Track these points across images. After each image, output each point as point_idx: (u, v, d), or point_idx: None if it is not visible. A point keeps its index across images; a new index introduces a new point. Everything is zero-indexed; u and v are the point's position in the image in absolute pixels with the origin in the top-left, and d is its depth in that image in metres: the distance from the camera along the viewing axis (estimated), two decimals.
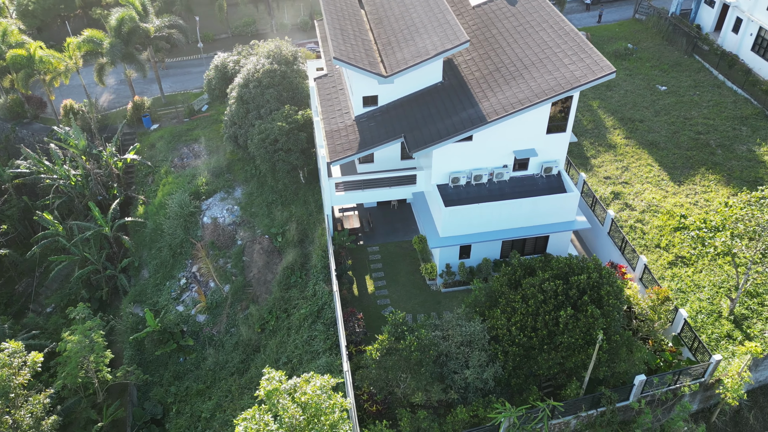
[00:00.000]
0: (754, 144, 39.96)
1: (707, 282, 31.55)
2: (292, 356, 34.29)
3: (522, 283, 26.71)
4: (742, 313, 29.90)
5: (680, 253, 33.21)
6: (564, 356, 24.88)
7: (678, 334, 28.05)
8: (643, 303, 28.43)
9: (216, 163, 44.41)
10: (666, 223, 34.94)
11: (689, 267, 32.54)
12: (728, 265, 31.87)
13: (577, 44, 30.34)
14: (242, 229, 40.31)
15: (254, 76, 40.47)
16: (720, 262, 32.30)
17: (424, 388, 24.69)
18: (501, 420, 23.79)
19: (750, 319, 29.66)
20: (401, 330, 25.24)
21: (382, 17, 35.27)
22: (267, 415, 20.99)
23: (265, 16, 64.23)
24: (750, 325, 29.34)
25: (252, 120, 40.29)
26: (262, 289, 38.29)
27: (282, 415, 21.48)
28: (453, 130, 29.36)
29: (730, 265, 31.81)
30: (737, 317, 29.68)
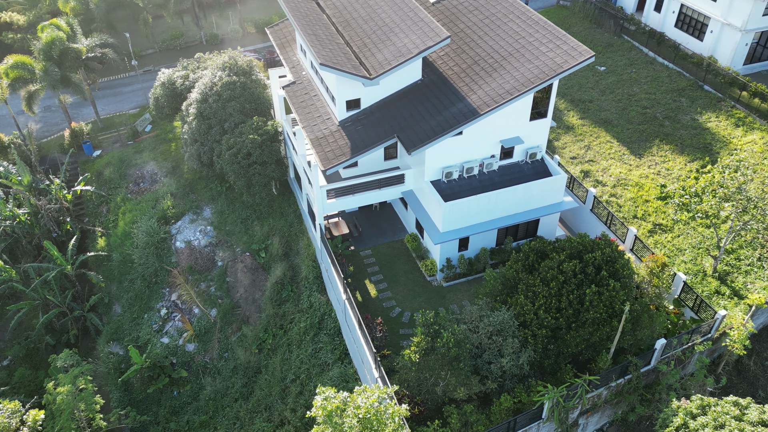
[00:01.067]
0: (695, 113, 43.06)
1: (687, 245, 33.79)
2: (299, 372, 33.51)
3: (539, 267, 27.46)
4: (724, 269, 32.26)
5: (657, 221, 35.35)
6: (590, 332, 25.86)
7: (678, 296, 29.84)
8: (642, 272, 29.99)
9: (177, 185, 42.40)
10: (638, 195, 37.05)
11: (668, 233, 34.71)
12: (702, 227, 34.26)
13: (550, 32, 31.45)
14: (221, 249, 38.78)
15: (213, 89, 38.97)
16: (693, 225, 34.68)
17: (464, 382, 24.88)
18: (545, 401, 24.42)
19: (731, 275, 32.04)
20: (434, 329, 25.27)
21: (348, 20, 34.98)
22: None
23: (193, 28, 61.86)
24: (733, 280, 31.72)
25: (216, 136, 38.80)
26: (252, 309, 37.05)
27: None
28: (447, 126, 29.65)
29: (704, 228, 34.21)
30: (720, 274, 31.99)
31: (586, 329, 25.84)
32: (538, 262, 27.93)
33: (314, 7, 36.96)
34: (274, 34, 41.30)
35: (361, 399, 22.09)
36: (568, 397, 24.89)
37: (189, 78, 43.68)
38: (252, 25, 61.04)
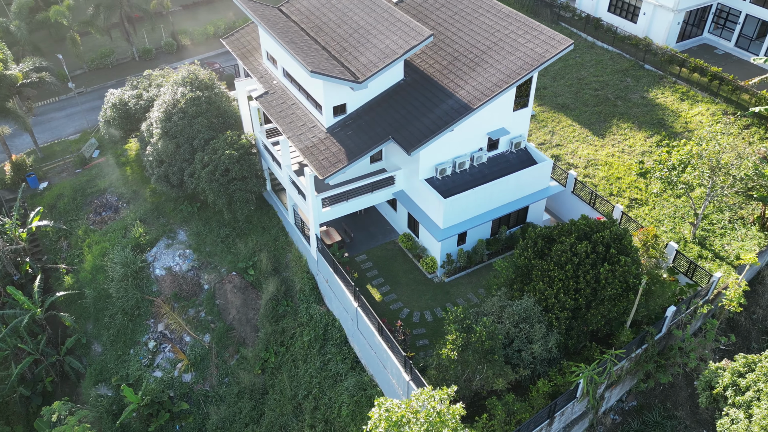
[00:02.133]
0: (643, 91, 45.59)
1: (663, 216, 35.79)
2: (310, 387, 32.79)
3: (549, 252, 28.23)
4: (701, 234, 34.43)
5: (632, 196, 37.21)
6: (608, 308, 26.90)
7: (671, 265, 31.57)
8: (637, 244, 31.46)
9: (144, 210, 40.25)
10: (609, 173, 38.83)
11: (644, 206, 36.62)
12: (674, 197, 36.39)
13: (524, 24, 32.30)
14: (205, 272, 37.20)
15: (176, 107, 37.24)
16: (665, 196, 36.78)
17: (500, 373, 25.25)
18: (581, 380, 25.21)
19: (708, 239, 34.26)
20: (466, 323, 25.47)
21: (319, 25, 34.43)
22: None
23: (123, 44, 58.75)
24: (711, 243, 33.93)
25: (185, 154, 37.14)
26: (247, 329, 35.84)
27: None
28: (443, 123, 29.87)
29: (675, 198, 36.34)
30: (699, 239, 34.13)
31: (605, 306, 26.87)
32: (548, 247, 28.70)
33: (279, 14, 36.12)
34: (232, 44, 40.02)
35: (416, 403, 21.97)
36: (599, 374, 25.79)
37: (143, 97, 41.50)
38: (187, 37, 58.76)
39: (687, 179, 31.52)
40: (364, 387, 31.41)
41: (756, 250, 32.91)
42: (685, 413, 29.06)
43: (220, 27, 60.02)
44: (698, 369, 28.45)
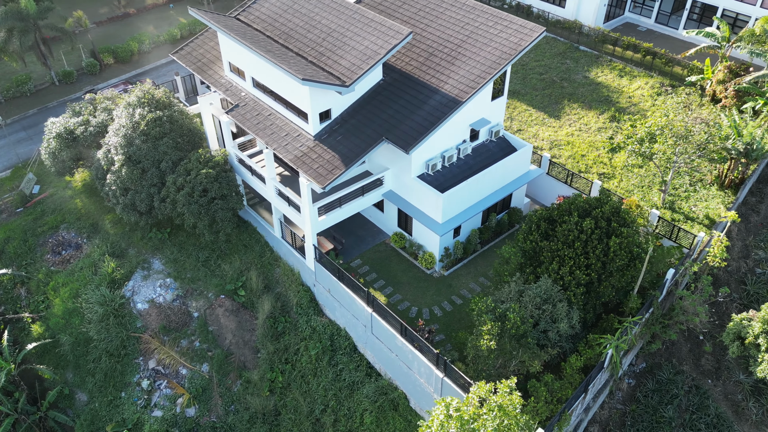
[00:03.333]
0: (584, 72, 47.94)
1: (632, 186, 37.91)
2: (326, 401, 32.10)
3: (554, 233, 29.17)
4: (669, 200, 36.80)
5: (599, 171, 39.12)
6: (618, 279, 28.22)
7: (655, 231, 33.51)
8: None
9: (109, 242, 37.63)
10: (573, 152, 40.59)
11: (612, 179, 38.61)
12: (637, 167, 38.61)
13: (492, 15, 33.07)
14: (191, 299, 35.34)
15: (137, 129, 35.07)
16: (629, 168, 38.96)
17: (534, 355, 25.89)
18: (608, 350, 26.31)
19: (676, 202, 36.68)
20: (498, 312, 25.86)
21: (287, 32, 33.54)
22: None
23: (40, 68, 54.39)
24: (680, 206, 36.35)
25: (153, 179, 35.08)
26: (246, 352, 34.47)
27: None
28: (435, 118, 30.05)
29: (638, 168, 38.57)
30: (668, 205, 36.46)
31: (615, 277, 28.17)
32: (551, 228, 29.64)
33: (240, 24, 34.85)
34: (185, 58, 38.18)
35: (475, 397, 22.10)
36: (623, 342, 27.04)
37: (91, 123, 38.69)
38: (110, 55, 55.27)
39: (658, 149, 33.54)
40: (385, 391, 31.14)
41: (721, 207, 35.63)
42: (689, 367, 31.06)
43: (144, 42, 56.96)
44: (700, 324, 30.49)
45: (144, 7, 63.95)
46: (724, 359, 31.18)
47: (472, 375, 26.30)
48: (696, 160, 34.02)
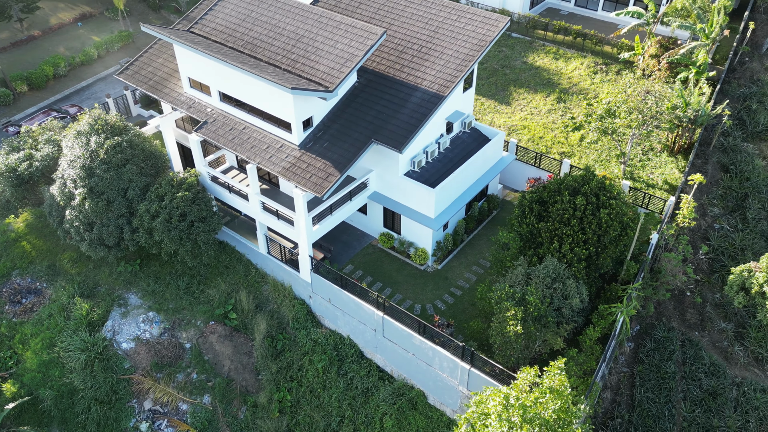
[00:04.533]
0: (522, 57, 49.78)
1: (592, 161, 39.92)
2: (341, 411, 31.58)
3: (547, 214, 30.21)
4: (627, 171, 39.08)
5: (560, 150, 40.87)
6: (612, 249, 29.70)
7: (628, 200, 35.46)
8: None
9: (75, 283, 34.89)
10: (531, 135, 42.12)
11: (572, 157, 40.45)
12: (593, 144, 40.67)
13: (454, 9, 33.65)
14: (180, 330, 33.46)
15: (96, 159, 32.70)
16: (584, 144, 40.98)
17: (555, 333, 26.79)
18: (620, 317, 27.67)
19: (635, 172, 39.03)
20: (518, 297, 26.48)
21: (251, 42, 32.40)
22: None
23: None
24: (639, 175, 38.72)
25: (120, 209, 32.88)
26: (247, 376, 33.17)
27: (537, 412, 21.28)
28: (421, 115, 30.21)
29: (593, 143, 40.63)
30: (628, 175, 38.73)
31: (611, 249, 29.62)
32: (545, 209, 30.66)
33: (197, 38, 33.29)
34: (133, 78, 36.05)
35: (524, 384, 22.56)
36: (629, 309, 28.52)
37: (35, 158, 35.60)
38: (23, 82, 50.99)
39: (620, 124, 35.51)
40: (401, 392, 31.06)
41: (675, 172, 38.32)
42: (677, 323, 33.22)
43: (59, 65, 52.99)
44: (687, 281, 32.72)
45: (49, 28, 59.42)
46: (705, 311, 33.62)
47: (501, 362, 26.81)
48: (654, 130, 36.30)
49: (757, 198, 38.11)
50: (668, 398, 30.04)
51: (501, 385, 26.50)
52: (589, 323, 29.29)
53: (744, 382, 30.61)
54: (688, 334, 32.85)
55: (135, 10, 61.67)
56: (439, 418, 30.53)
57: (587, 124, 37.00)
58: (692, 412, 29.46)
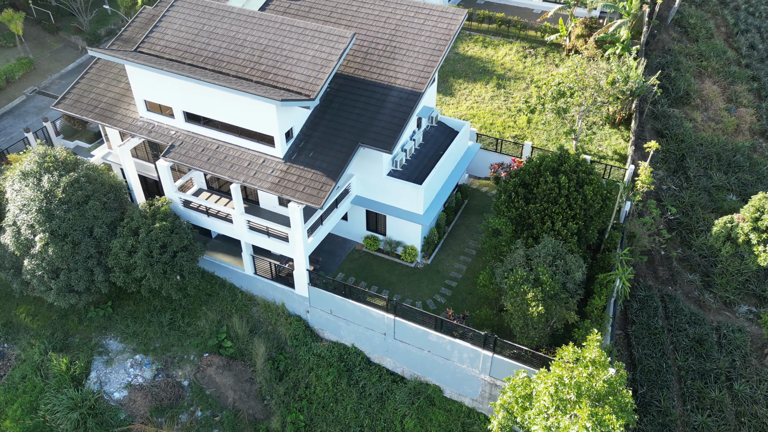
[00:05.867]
0: (452, 49, 50.93)
1: (545, 140, 41.75)
2: (359, 421, 31.15)
3: (533, 195, 31.29)
4: (579, 146, 41.27)
5: (512, 134, 42.38)
6: (598, 221, 31.34)
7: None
8: None
9: (42, 339, 31.77)
10: (483, 123, 43.33)
11: (524, 139, 42.07)
12: (541, 124, 42.50)
13: (410, 6, 33.89)
14: (174, 368, 31.39)
15: (53, 200, 29.91)
16: (532, 125, 42.78)
17: (567, 307, 27.93)
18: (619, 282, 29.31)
19: (585, 146, 41.28)
20: (531, 278, 27.27)
21: (212, 57, 30.85)
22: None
23: None
24: (590, 148, 41.00)
25: (89, 251, 30.33)
26: (253, 403, 31.79)
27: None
28: (403, 113, 30.25)
29: (543, 125, 42.46)
30: (580, 149, 40.92)
31: (596, 221, 31.23)
32: (529, 192, 31.73)
33: (150, 57, 31.23)
34: (73, 107, 33.41)
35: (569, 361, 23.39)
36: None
37: None
38: None
39: (574, 102, 37.38)
40: (418, 391, 31.08)
41: (621, 142, 40.96)
42: (652, 281, 35.65)
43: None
44: (660, 242, 35.14)
45: None
46: (673, 267, 36.32)
47: (526, 344, 27.55)
48: (603, 106, 38.54)
49: (693, 157, 41.60)
50: (662, 351, 32.22)
51: (527, 366, 27.26)
52: (589, 294, 30.70)
53: (721, 326, 33.43)
54: (663, 290, 35.35)
55: (29, 34, 56.55)
56: (458, 409, 30.87)
57: (541, 107, 38.61)
58: (686, 360, 31.80)
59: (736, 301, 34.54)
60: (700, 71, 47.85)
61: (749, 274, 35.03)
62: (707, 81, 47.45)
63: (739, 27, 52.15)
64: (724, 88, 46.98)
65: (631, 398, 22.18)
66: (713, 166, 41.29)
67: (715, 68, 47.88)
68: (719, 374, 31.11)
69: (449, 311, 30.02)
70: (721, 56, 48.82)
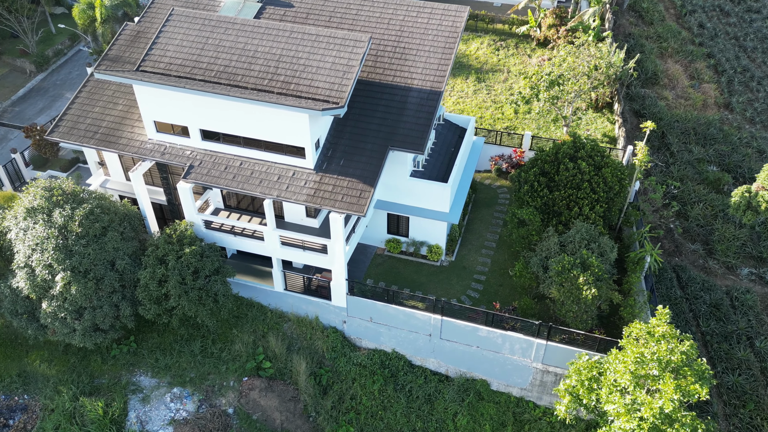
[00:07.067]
0: None
1: (536, 128, 42.84)
2: (412, 424, 31.02)
3: (556, 182, 32.12)
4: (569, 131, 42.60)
5: (504, 125, 43.22)
6: (617, 202, 32.55)
7: None
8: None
9: (68, 384, 29.70)
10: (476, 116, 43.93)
11: (517, 129, 43.01)
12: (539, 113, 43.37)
13: (409, 7, 33.96)
14: (216, 397, 30.06)
15: (69, 235, 28.00)
16: (522, 115, 43.81)
17: (612, 287, 28.93)
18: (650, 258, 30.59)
19: (577, 130, 42.65)
20: (578, 263, 27.98)
21: (224, 70, 29.67)
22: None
23: None
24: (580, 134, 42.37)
25: (112, 285, 28.62)
26: (300, 422, 30.97)
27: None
28: (428, 113, 30.22)
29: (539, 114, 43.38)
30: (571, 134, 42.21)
31: (617, 201, 32.45)
32: (551, 180, 32.52)
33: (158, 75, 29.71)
34: (71, 135, 31.48)
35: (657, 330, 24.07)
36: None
37: None
38: None
39: (569, 89, 38.52)
40: (467, 388, 31.28)
41: (607, 125, 42.64)
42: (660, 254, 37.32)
43: None
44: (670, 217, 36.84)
45: None
46: (675, 239, 38.21)
47: (581, 327, 28.26)
48: (591, 91, 39.96)
49: (673, 134, 43.85)
50: (685, 320, 33.85)
51: (582, 350, 27.96)
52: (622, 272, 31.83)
53: (730, 290, 35.50)
54: (671, 262, 37.12)
55: None
56: (507, 400, 31.28)
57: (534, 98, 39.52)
58: (708, 325, 33.55)
59: (738, 265, 36.74)
60: (661, 52, 50.43)
61: (744, 239, 37.36)
62: (669, 61, 50.10)
63: (686, 8, 55.37)
64: (686, 66, 49.77)
65: (708, 365, 23.24)
66: (691, 140, 43.70)
67: (675, 48, 50.61)
68: (740, 335, 33.04)
69: (496, 305, 30.34)
70: (677, 37, 51.67)
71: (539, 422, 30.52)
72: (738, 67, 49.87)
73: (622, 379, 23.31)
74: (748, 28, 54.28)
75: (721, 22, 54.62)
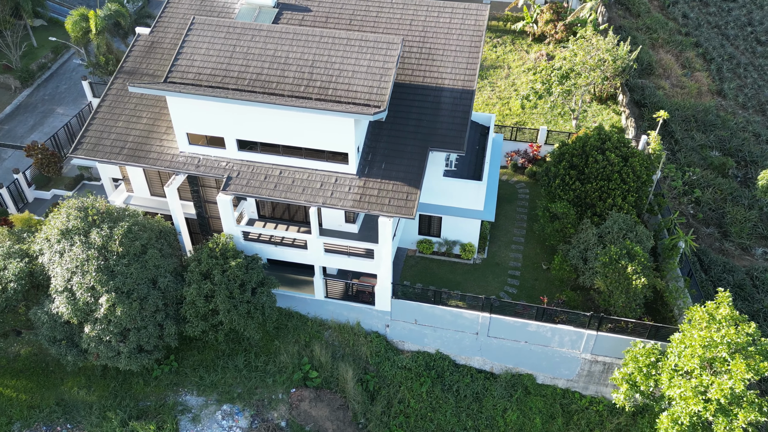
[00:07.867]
0: None
1: (544, 123, 43.46)
2: (463, 423, 31.12)
3: (584, 176, 32.66)
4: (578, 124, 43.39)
5: (514, 122, 43.71)
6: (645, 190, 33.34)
7: None
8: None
9: (113, 406, 28.71)
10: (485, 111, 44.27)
11: (526, 124, 43.57)
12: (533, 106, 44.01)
13: (429, 8, 34.08)
14: (267, 411, 29.48)
15: (109, 256, 27.08)
16: (529, 109, 44.40)
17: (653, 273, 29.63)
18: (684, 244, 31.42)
19: (583, 124, 43.46)
20: (623, 253, 28.52)
21: (256, 78, 29.13)
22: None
23: None
24: (588, 125, 43.23)
25: (156, 304, 27.82)
26: (351, 430, 30.70)
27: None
28: (463, 112, 30.32)
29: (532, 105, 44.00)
30: (579, 127, 43.05)
31: (645, 191, 33.22)
32: (582, 171, 33.04)
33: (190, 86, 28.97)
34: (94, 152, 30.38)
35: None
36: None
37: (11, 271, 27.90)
38: None
39: (582, 82, 39.21)
40: (514, 383, 31.53)
41: (613, 116, 43.58)
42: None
43: None
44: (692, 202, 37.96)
45: None
46: (690, 223, 39.33)
47: (631, 316, 28.79)
48: (600, 84, 40.79)
49: (675, 121, 45.11)
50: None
51: (633, 338, 28.51)
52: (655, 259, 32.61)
53: (750, 270, 36.76)
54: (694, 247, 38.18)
55: None
56: (553, 392, 31.67)
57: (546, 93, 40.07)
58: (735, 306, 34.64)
59: (752, 246, 38.10)
60: (653, 43, 51.82)
61: (755, 220, 38.75)
62: (660, 51, 51.52)
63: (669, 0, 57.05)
64: (677, 56, 51.27)
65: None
66: (692, 127, 45.05)
67: (665, 39, 52.08)
68: (766, 312, 34.25)
69: (543, 299, 30.68)
70: (665, 27, 53.16)
71: (587, 411, 31.00)
72: (725, 55, 51.64)
73: (689, 362, 23.89)
74: (727, 17, 56.24)
75: (702, 12, 56.46)
